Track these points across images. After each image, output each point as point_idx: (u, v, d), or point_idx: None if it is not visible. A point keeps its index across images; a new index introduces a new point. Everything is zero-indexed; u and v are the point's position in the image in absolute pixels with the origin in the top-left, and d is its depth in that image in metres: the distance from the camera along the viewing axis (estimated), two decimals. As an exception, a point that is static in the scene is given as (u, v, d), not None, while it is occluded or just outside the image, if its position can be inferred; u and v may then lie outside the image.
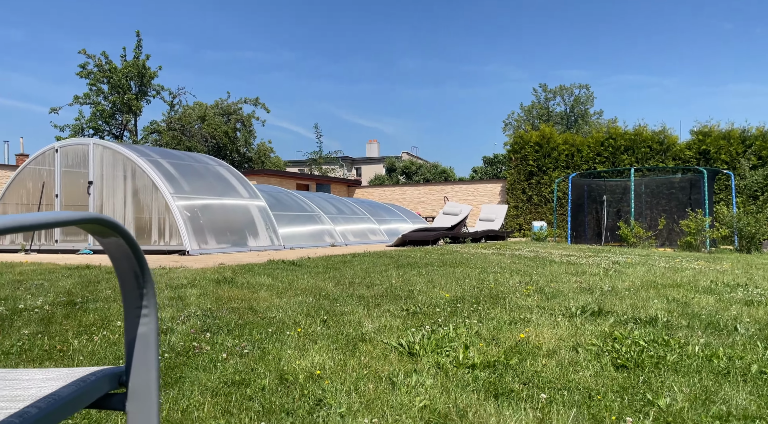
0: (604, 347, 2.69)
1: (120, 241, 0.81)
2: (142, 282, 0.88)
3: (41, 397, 0.76)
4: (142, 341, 0.90)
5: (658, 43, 61.89)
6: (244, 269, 5.95)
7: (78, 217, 0.71)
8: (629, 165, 17.58)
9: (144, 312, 0.89)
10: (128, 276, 0.87)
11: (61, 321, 3.21)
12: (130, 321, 0.90)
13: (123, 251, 0.83)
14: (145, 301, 0.89)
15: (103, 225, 0.76)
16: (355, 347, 2.76)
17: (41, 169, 10.64)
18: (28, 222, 0.61)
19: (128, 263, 0.85)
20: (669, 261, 7.30)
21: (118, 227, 0.78)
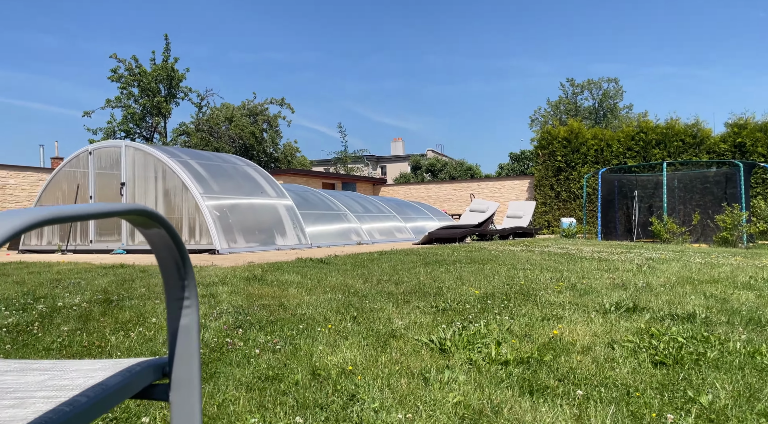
0: (641, 343, 2.63)
1: (162, 232, 0.82)
2: (183, 273, 0.89)
3: (89, 386, 0.78)
4: (185, 331, 0.90)
5: (689, 34, 60.32)
6: (273, 267, 6.01)
7: (124, 208, 0.72)
8: (661, 159, 17.18)
9: (186, 303, 0.90)
10: (170, 267, 0.88)
11: (99, 318, 3.29)
12: (172, 312, 0.91)
13: (165, 242, 0.84)
14: (187, 292, 0.90)
15: (146, 216, 0.77)
16: (385, 343, 2.76)
17: (76, 171, 10.93)
18: (80, 212, 0.61)
19: (170, 254, 0.86)
20: (705, 257, 7.10)
21: (160, 218, 0.79)
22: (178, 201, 10.02)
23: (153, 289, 4.34)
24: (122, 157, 10.44)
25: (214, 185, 10.44)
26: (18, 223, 0.54)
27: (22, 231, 0.54)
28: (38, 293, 4.14)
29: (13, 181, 13.77)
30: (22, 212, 0.55)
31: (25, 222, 0.54)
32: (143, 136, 25.80)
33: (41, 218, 0.56)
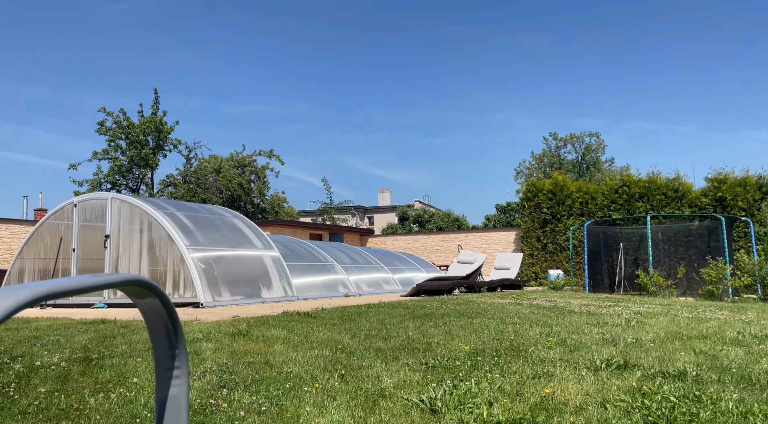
0: (634, 403, 2.59)
1: (156, 301, 0.81)
2: (174, 343, 0.87)
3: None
4: (174, 402, 0.88)
5: (668, 90, 62.71)
6: (258, 321, 5.90)
7: (120, 279, 0.72)
8: (645, 212, 17.47)
9: (176, 373, 0.88)
10: (161, 336, 0.87)
11: (78, 378, 3.18)
12: (161, 381, 0.89)
13: (158, 312, 0.83)
14: (177, 362, 0.88)
15: (142, 286, 0.76)
16: (374, 404, 2.69)
17: (60, 223, 10.82)
18: (78, 285, 0.61)
19: (162, 323, 0.85)
20: (692, 311, 7.12)
21: (155, 288, 0.78)
22: (163, 253, 9.91)
23: (134, 346, 4.23)
24: (108, 209, 10.37)
25: (200, 237, 10.37)
26: (17, 300, 0.54)
27: (21, 308, 0.54)
28: (15, 352, 4.00)
29: (-6, 232, 13.57)
30: (22, 288, 0.55)
31: (23, 299, 0.54)
32: (130, 188, 25.75)
33: (41, 293, 0.56)
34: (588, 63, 62.44)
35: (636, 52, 60.79)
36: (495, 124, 69.23)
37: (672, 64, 60.04)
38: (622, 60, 61.28)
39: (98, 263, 10.25)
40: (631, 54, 61.12)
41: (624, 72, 62.25)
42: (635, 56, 61.06)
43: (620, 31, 59.24)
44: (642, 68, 61.28)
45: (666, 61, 59.98)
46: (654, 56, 59.82)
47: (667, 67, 60.28)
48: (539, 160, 43.27)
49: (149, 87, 56.51)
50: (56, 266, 10.55)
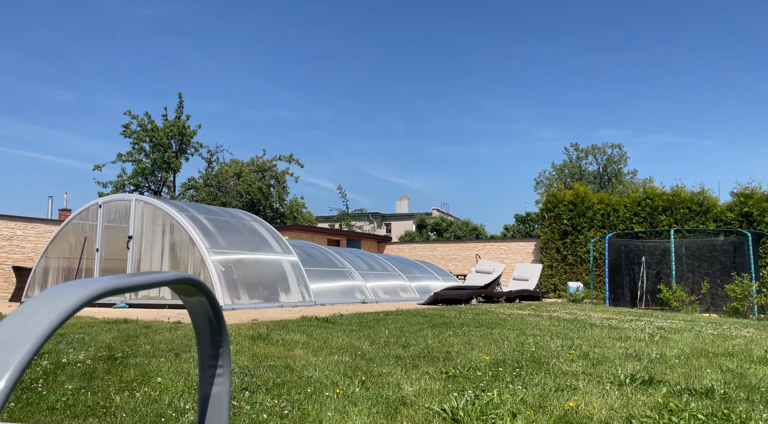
0: (660, 420, 2.54)
1: (203, 300, 0.82)
2: (219, 341, 0.89)
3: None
4: (216, 401, 0.89)
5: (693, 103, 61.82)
6: (278, 325, 5.93)
7: (171, 277, 0.73)
8: (668, 226, 17.20)
9: (219, 372, 0.89)
10: (206, 335, 0.88)
11: (103, 376, 3.23)
12: (204, 380, 0.90)
13: (204, 310, 0.84)
14: (221, 361, 0.89)
15: (190, 285, 0.78)
16: (396, 411, 2.68)
17: (84, 224, 11.02)
18: (135, 283, 0.63)
19: (208, 322, 0.86)
20: (716, 328, 6.97)
21: (204, 287, 0.79)
22: (184, 255, 10.02)
23: (157, 346, 4.28)
24: (131, 210, 10.54)
25: (220, 240, 10.47)
26: (83, 294, 0.55)
27: (85, 304, 0.55)
28: (42, 348, 4.07)
29: (20, 232, 13.86)
30: (86, 284, 0.57)
31: (90, 293, 0.55)
32: (152, 190, 26.14)
33: (102, 290, 0.57)
34: (610, 74, 61.89)
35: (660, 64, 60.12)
36: (514, 134, 68.87)
37: (697, 77, 59.24)
38: (646, 71, 60.65)
39: (121, 263, 10.41)
40: (655, 65, 60.47)
41: (647, 84, 61.57)
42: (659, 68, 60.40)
43: (643, 42, 58.68)
44: (666, 80, 60.55)
45: (691, 73, 59.20)
46: (678, 68, 59.10)
47: (692, 80, 59.46)
48: (560, 171, 42.90)
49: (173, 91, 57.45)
50: (80, 265, 10.74)
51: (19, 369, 0.48)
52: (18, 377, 0.48)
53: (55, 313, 0.52)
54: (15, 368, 0.47)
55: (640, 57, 60.42)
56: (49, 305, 0.53)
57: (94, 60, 47.32)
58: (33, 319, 0.51)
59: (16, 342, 0.49)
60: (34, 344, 0.49)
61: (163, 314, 7.85)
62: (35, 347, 0.49)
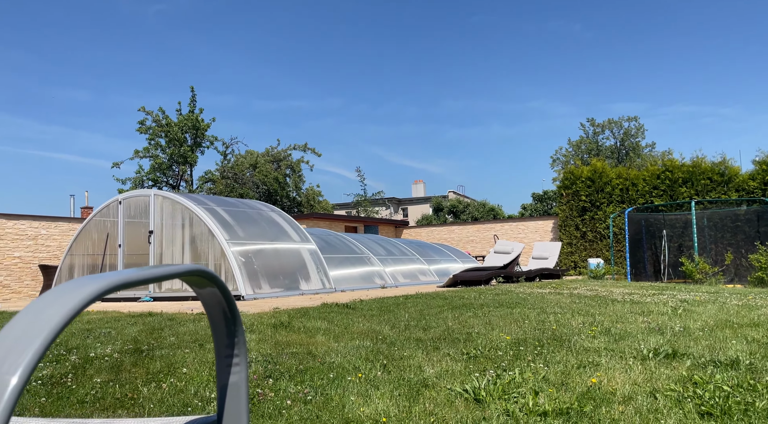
0: (685, 392, 2.52)
1: (216, 291, 0.83)
2: (233, 331, 0.89)
3: (143, 448, 0.78)
4: (234, 389, 0.90)
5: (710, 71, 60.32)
6: (299, 313, 5.99)
7: (182, 270, 0.73)
8: (689, 198, 16.92)
9: (235, 361, 0.90)
10: (221, 325, 0.89)
11: (130, 369, 3.30)
12: (221, 369, 0.91)
13: (218, 301, 0.85)
14: (236, 350, 0.90)
15: (202, 276, 0.78)
16: (418, 393, 2.70)
17: (106, 220, 11.20)
18: (146, 276, 0.63)
19: (222, 312, 0.87)
20: (741, 298, 6.87)
21: (215, 278, 0.80)
22: (205, 248, 10.14)
23: (182, 338, 4.35)
24: (151, 205, 10.68)
25: (239, 231, 10.57)
26: (92, 290, 0.56)
27: (98, 296, 0.56)
28: (71, 344, 4.18)
29: (45, 231, 14.14)
30: (100, 278, 0.57)
31: (99, 288, 0.56)
32: (170, 185, 26.43)
33: (116, 282, 0.58)
34: (623, 47, 60.58)
35: (674, 33, 58.64)
36: (528, 112, 68.02)
37: (713, 43, 57.69)
38: (660, 41, 59.23)
39: (143, 258, 10.58)
40: (669, 34, 59.00)
41: (662, 54, 60.16)
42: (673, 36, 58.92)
43: (656, 11, 57.25)
44: (681, 49, 59.09)
45: (707, 40, 57.68)
46: (694, 35, 57.60)
47: (708, 47, 57.96)
48: (576, 147, 42.35)
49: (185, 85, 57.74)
50: (104, 261, 10.94)
51: (31, 365, 0.49)
52: (30, 372, 0.49)
53: (65, 309, 0.53)
54: (26, 364, 0.48)
55: (653, 26, 58.99)
56: (58, 301, 0.54)
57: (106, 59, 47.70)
58: (43, 315, 0.52)
59: (27, 339, 0.50)
60: (44, 341, 0.50)
61: (186, 305, 7.98)
62: (45, 343, 0.50)
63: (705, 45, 58.14)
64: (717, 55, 58.72)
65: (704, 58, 59.04)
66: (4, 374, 0.48)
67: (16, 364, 0.49)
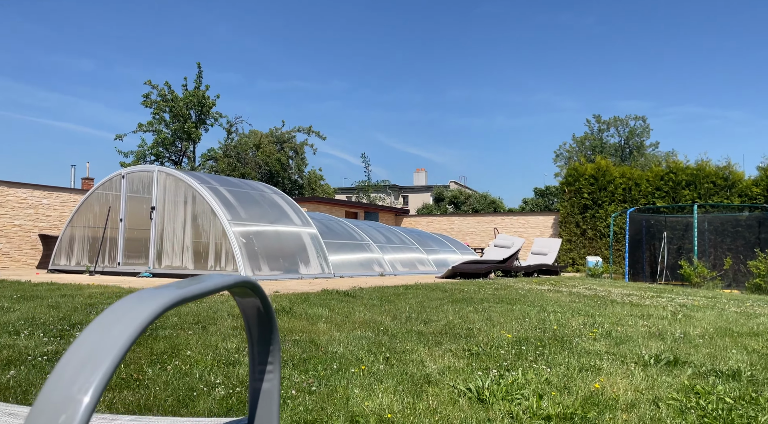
0: (687, 402, 2.54)
1: (257, 301, 0.83)
2: (269, 338, 0.89)
3: (181, 454, 0.78)
4: (266, 396, 0.91)
5: (719, 73, 59.99)
6: (300, 298, 6.01)
7: (231, 282, 0.73)
8: (691, 201, 16.92)
9: (269, 368, 0.90)
10: (257, 334, 0.89)
11: (133, 348, 3.31)
12: (255, 375, 0.91)
13: (258, 311, 0.85)
14: (271, 358, 0.90)
15: (248, 288, 0.78)
16: (421, 389, 2.72)
17: (108, 194, 11.18)
18: (203, 290, 0.63)
19: (261, 322, 0.87)
20: (739, 305, 6.91)
21: (259, 289, 0.80)
22: (206, 226, 10.15)
23: (184, 318, 4.37)
24: (154, 181, 10.66)
25: (241, 212, 10.57)
26: (157, 305, 0.55)
27: (160, 315, 0.56)
28: (73, 319, 4.19)
29: (46, 201, 14.12)
30: (162, 293, 0.57)
31: (167, 302, 0.56)
32: (172, 161, 26.35)
33: (179, 298, 0.58)
34: (634, 43, 60.16)
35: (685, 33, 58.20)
36: (534, 105, 67.75)
37: (724, 45, 57.30)
38: (671, 40, 58.81)
39: (144, 233, 10.58)
40: (681, 34, 58.56)
41: (673, 53, 59.78)
42: (685, 36, 58.49)
43: (668, 10, 56.74)
44: (692, 49, 58.71)
45: (718, 42, 57.28)
46: (705, 36, 57.17)
47: (719, 49, 57.57)
48: (580, 144, 42.24)
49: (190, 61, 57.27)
50: (104, 235, 10.95)
51: (102, 384, 0.49)
52: (101, 391, 0.49)
53: (132, 327, 0.53)
54: (98, 383, 0.48)
55: (665, 25, 58.52)
56: (125, 318, 0.54)
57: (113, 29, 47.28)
58: (111, 333, 0.52)
59: (98, 357, 0.50)
60: (114, 360, 0.50)
61: (186, 284, 8.00)
62: (116, 362, 0.50)
63: (717, 46, 57.76)
64: (729, 57, 58.37)
65: (715, 60, 58.69)
66: (77, 394, 0.48)
67: (87, 383, 0.48)
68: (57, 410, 0.47)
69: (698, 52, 59.12)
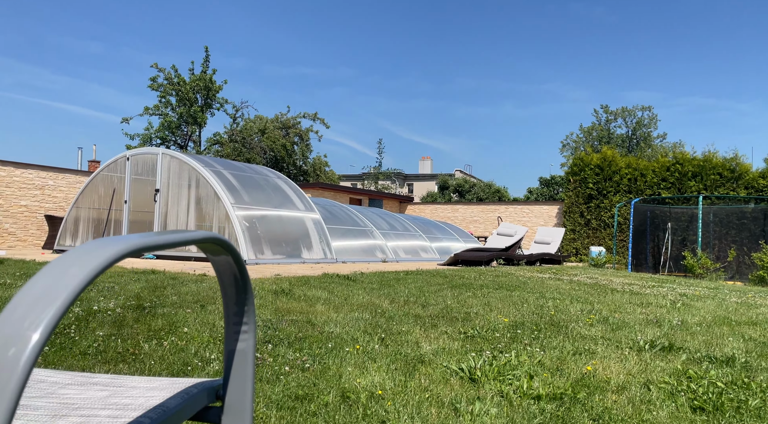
0: (679, 386, 2.55)
1: (229, 259, 0.83)
2: (244, 299, 0.90)
3: (151, 407, 0.79)
4: (241, 356, 0.91)
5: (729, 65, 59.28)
6: (300, 281, 6.04)
7: (198, 236, 0.73)
8: (697, 192, 16.81)
9: (244, 329, 0.91)
10: (231, 293, 0.89)
11: (132, 324, 3.35)
12: (229, 336, 0.92)
13: (230, 269, 0.85)
14: (246, 318, 0.91)
15: (217, 244, 0.78)
16: (414, 369, 2.74)
17: (113, 176, 11.22)
18: (164, 241, 0.63)
19: (234, 280, 0.87)
20: (741, 296, 6.89)
21: (229, 246, 0.80)
22: (210, 209, 10.18)
23: (184, 297, 4.40)
24: (158, 164, 10.68)
25: (245, 196, 10.59)
26: (114, 251, 0.56)
27: (116, 260, 0.56)
28: (74, 295, 4.23)
29: (52, 182, 14.20)
30: (122, 239, 0.57)
31: (120, 251, 0.56)
32: (178, 144, 26.38)
33: (137, 246, 0.58)
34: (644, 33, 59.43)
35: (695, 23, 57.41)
36: (541, 95, 67.25)
37: (734, 37, 56.53)
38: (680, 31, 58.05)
39: (148, 215, 10.63)
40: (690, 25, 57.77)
41: (682, 43, 59.04)
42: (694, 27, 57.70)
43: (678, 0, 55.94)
44: (702, 40, 57.95)
45: (729, 33, 56.50)
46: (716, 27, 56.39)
47: (728, 40, 56.81)
48: (587, 134, 41.95)
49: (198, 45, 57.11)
50: (109, 216, 11.00)
51: (53, 322, 0.49)
52: (52, 329, 0.49)
53: (87, 269, 0.53)
54: (48, 321, 0.48)
55: (675, 15, 57.76)
56: (81, 260, 0.54)
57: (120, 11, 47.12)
58: (66, 274, 0.52)
59: (50, 296, 0.50)
60: (67, 299, 0.50)
61: (189, 266, 8.05)
62: (68, 301, 0.50)
63: (727, 37, 56.99)
64: (738, 48, 57.62)
65: (725, 51, 57.96)
66: (26, 330, 0.48)
67: (38, 320, 0.49)
68: (6, 343, 0.47)
69: (708, 43, 58.40)
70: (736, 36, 56.92)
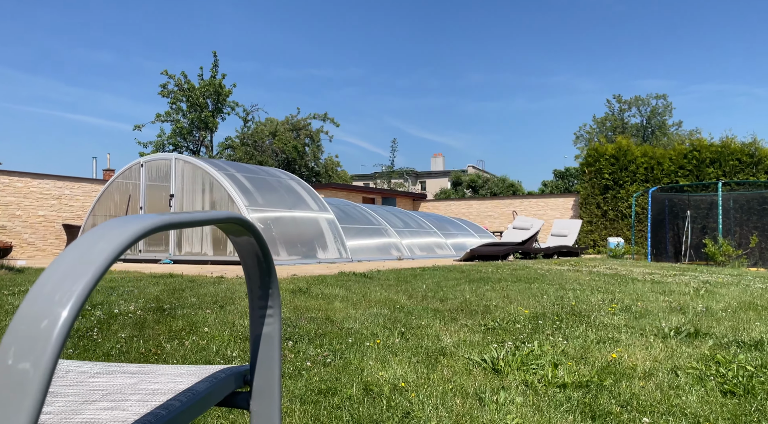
0: (707, 371, 2.50)
1: (252, 240, 0.82)
2: (268, 282, 0.89)
3: (180, 391, 0.78)
4: (267, 340, 0.91)
5: (743, 50, 58.33)
6: (317, 280, 6.04)
7: (220, 216, 0.73)
8: (716, 179, 16.55)
9: (269, 312, 0.90)
10: (256, 275, 0.88)
11: (153, 326, 3.37)
12: (255, 320, 0.91)
13: (253, 250, 0.85)
14: (271, 301, 0.90)
15: (239, 224, 0.77)
16: (436, 361, 2.72)
17: (128, 183, 11.34)
18: (188, 219, 0.62)
19: (257, 262, 0.86)
20: (765, 282, 6.76)
21: (252, 227, 0.79)
22: (225, 213, 10.24)
23: (203, 299, 4.43)
24: (172, 169, 10.77)
25: (258, 198, 10.64)
26: (139, 227, 0.55)
27: (141, 236, 0.55)
28: (95, 300, 4.28)
29: (68, 191, 14.38)
30: (146, 217, 0.56)
31: (149, 225, 0.55)
32: (190, 150, 26.60)
33: (160, 223, 0.57)
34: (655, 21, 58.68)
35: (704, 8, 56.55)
36: (553, 87, 66.74)
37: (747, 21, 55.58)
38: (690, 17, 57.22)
39: (164, 221, 10.72)
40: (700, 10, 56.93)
41: (695, 30, 58.19)
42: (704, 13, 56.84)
43: (695, -15, 55.13)
44: (715, 25, 57.07)
45: (740, 18, 55.57)
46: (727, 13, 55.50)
47: (741, 24, 55.86)
48: (601, 124, 41.55)
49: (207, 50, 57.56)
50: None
51: (82, 298, 0.48)
52: (81, 305, 0.48)
53: (114, 243, 0.52)
54: (79, 294, 0.48)
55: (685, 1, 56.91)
56: (108, 235, 0.53)
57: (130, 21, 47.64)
58: (93, 248, 0.52)
59: (80, 270, 0.49)
60: (96, 273, 0.50)
61: (206, 269, 8.11)
62: (97, 276, 0.50)
63: (740, 21, 56.07)
64: (752, 32, 56.66)
65: (739, 35, 57.02)
66: (56, 306, 0.47)
67: (67, 296, 0.48)
68: (38, 316, 0.46)
69: (719, 28, 57.49)
70: (749, 20, 55.98)
